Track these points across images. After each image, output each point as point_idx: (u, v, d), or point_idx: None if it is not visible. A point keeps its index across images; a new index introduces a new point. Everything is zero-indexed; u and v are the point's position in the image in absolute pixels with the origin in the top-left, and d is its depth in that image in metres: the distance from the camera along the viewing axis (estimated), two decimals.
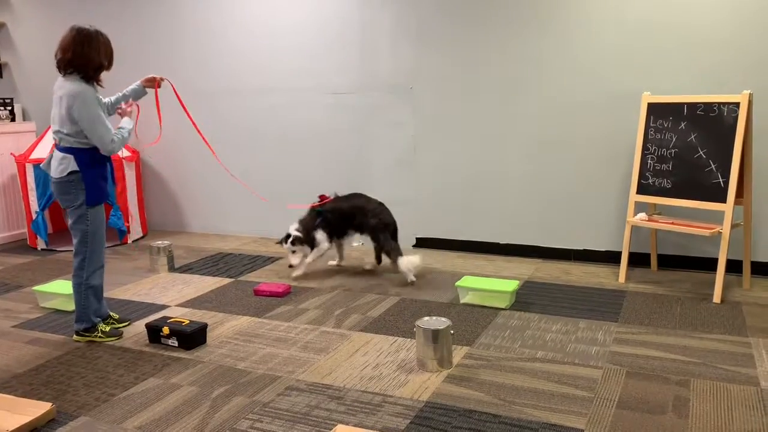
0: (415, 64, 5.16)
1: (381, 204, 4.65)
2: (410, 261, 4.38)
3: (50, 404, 2.70)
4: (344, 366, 3.16)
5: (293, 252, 4.61)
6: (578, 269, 4.68)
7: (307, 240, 4.61)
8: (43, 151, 5.66)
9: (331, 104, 5.53)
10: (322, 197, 4.76)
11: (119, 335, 3.62)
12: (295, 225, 4.64)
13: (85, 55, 3.35)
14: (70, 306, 3.96)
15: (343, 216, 4.65)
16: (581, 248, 4.87)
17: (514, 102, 4.89)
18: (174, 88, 4.22)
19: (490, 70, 4.92)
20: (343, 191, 5.57)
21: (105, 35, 3.45)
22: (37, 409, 2.68)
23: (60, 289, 4.09)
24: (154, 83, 3.84)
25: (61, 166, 3.40)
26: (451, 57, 5.03)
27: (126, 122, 3.57)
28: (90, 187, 3.42)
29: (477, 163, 5.10)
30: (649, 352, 3.21)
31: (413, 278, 4.43)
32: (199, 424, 2.63)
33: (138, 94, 3.82)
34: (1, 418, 2.67)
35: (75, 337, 3.59)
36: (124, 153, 5.91)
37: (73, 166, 3.39)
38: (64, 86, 3.37)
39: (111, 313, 3.81)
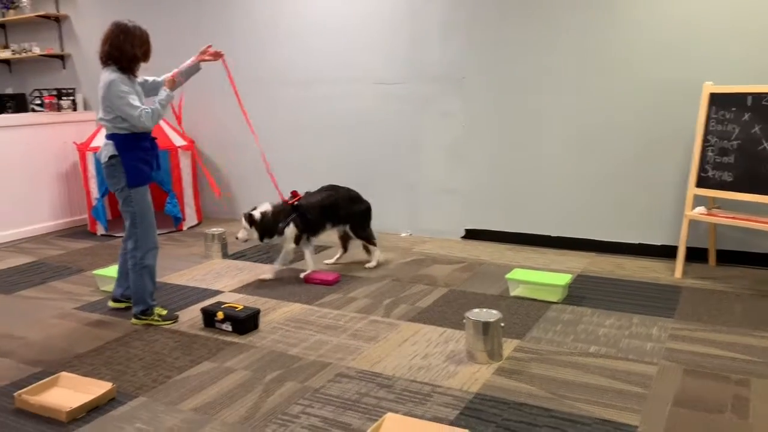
0: (466, 54, 5.11)
1: (352, 190, 4.68)
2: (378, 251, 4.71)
3: (111, 384, 2.80)
4: (393, 355, 3.17)
5: (245, 229, 4.32)
6: (632, 263, 4.57)
7: (271, 229, 4.35)
8: (102, 139, 5.84)
9: (380, 94, 5.53)
10: (294, 193, 4.53)
11: (175, 319, 3.72)
12: (267, 207, 4.39)
13: (120, 48, 3.50)
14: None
15: (323, 209, 4.48)
16: (636, 242, 4.75)
17: (568, 92, 4.80)
18: (225, 64, 4.21)
19: (542, 60, 4.84)
20: (391, 181, 5.59)
21: (143, 30, 3.59)
22: (98, 388, 2.78)
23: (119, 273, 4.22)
24: (206, 54, 3.91)
25: (104, 151, 3.59)
26: (502, 47, 4.97)
27: (161, 93, 3.66)
28: (129, 170, 3.56)
29: (528, 154, 5.03)
30: (706, 349, 3.12)
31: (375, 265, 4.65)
32: (252, 408, 2.68)
33: (191, 72, 3.93)
34: (65, 395, 2.79)
35: (133, 320, 3.71)
36: (179, 142, 6.05)
37: (112, 150, 3.55)
38: (101, 77, 3.54)
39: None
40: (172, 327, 3.62)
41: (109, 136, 3.59)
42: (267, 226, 4.34)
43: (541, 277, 3.94)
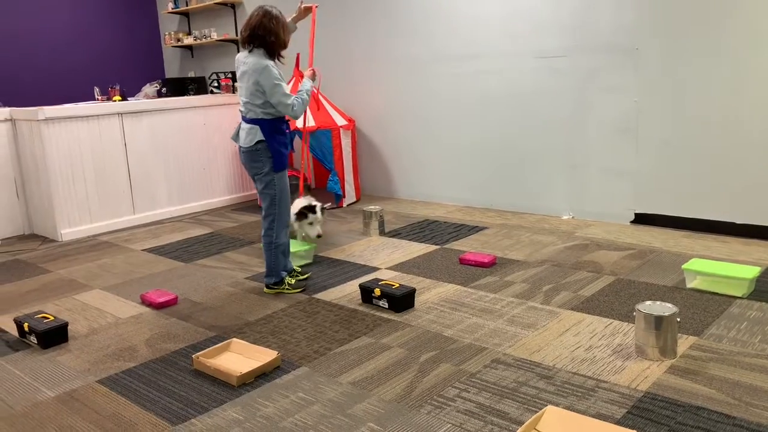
0: (640, 19, 4.70)
1: None
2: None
3: (277, 353, 2.95)
4: (554, 345, 3.03)
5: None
6: None
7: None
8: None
9: (541, 68, 5.27)
10: None
11: (304, 288, 3.92)
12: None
13: (273, 32, 3.60)
14: (296, 262, 4.29)
15: None
16: None
17: (757, 58, 4.24)
18: (314, 15, 4.27)
19: (730, 24, 4.32)
20: (553, 160, 5.33)
21: (284, 17, 3.69)
22: (266, 356, 2.94)
23: None
24: (302, 13, 4.00)
25: (249, 136, 3.68)
26: (684, 10, 4.50)
27: (305, 83, 3.74)
28: (276, 155, 3.69)
29: (712, 131, 4.54)
30: None
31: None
32: (408, 387, 2.69)
33: (292, 29, 3.98)
34: (236, 361, 2.97)
35: (265, 289, 3.93)
36: (341, 121, 6.22)
37: (259, 135, 3.65)
38: (247, 61, 3.64)
39: (294, 267, 4.13)
40: (332, 301, 3.73)
41: (254, 121, 3.68)
42: None
43: (724, 268, 3.55)
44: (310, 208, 4.52)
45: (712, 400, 2.47)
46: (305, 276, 4.12)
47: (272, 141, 3.67)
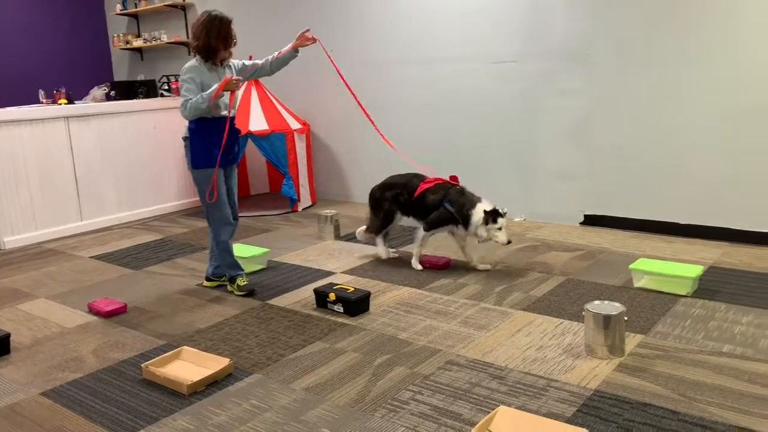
0: (592, 26, 4.82)
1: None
2: None
3: (229, 360, 2.90)
4: (506, 345, 3.06)
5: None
6: None
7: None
8: None
9: (495, 73, 5.35)
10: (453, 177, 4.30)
11: (250, 293, 3.90)
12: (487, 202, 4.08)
13: (194, 36, 3.69)
14: (248, 267, 4.24)
15: None
16: None
17: (705, 67, 4.40)
18: (325, 50, 4.30)
19: (677, 32, 4.46)
20: (505, 164, 5.41)
21: (226, 19, 3.67)
22: (217, 363, 2.89)
23: (238, 252, 4.38)
24: (303, 40, 3.93)
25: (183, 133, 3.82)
26: (633, 18, 4.63)
27: (210, 89, 3.66)
28: (194, 152, 3.74)
29: (658, 135, 4.68)
30: None
31: None
32: (362, 391, 2.68)
33: (289, 58, 3.99)
34: (187, 369, 2.91)
35: (205, 282, 4.12)
36: (295, 125, 6.18)
37: (185, 132, 3.77)
38: None
39: (239, 282, 3.95)
40: (286, 306, 3.70)
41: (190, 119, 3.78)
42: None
43: (669, 267, 3.66)
44: (497, 212, 3.97)
45: (658, 396, 2.53)
46: (248, 291, 3.95)
47: (194, 138, 3.73)
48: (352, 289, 3.60)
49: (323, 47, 4.33)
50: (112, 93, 6.66)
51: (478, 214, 3.99)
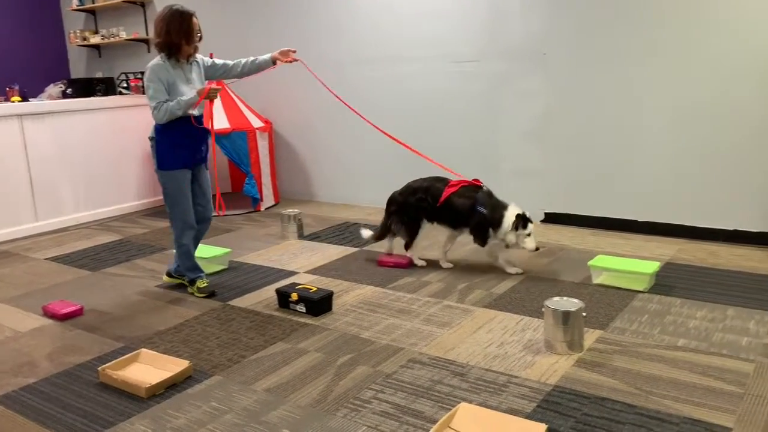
0: (549, 27, 4.88)
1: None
2: None
3: (188, 362, 2.86)
4: (468, 342, 3.08)
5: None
6: (728, 251, 4.27)
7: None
8: None
9: (455, 73, 5.38)
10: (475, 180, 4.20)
11: (209, 294, 3.84)
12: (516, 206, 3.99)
13: (156, 33, 3.61)
14: (210, 268, 4.18)
15: None
16: (731, 228, 4.44)
17: (657, 67, 4.50)
18: (309, 68, 4.28)
19: (630, 32, 4.55)
20: (467, 163, 5.45)
21: (187, 13, 3.60)
22: (176, 365, 2.84)
23: (199, 253, 4.32)
24: (287, 57, 3.93)
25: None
26: (588, 19, 4.71)
27: (190, 93, 3.64)
28: (159, 152, 3.68)
29: (614, 133, 4.77)
30: None
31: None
32: (324, 391, 2.67)
33: (264, 65, 3.95)
34: (145, 371, 2.86)
35: (165, 277, 4.08)
36: (257, 123, 6.12)
37: (152, 132, 3.71)
38: None
39: (198, 285, 3.90)
40: (248, 307, 3.66)
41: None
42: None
43: (627, 264, 3.73)
44: (527, 217, 3.87)
45: (615, 390, 2.58)
46: (208, 293, 3.91)
47: (159, 138, 3.68)
48: (315, 288, 3.58)
49: (308, 68, 4.32)
50: (69, 91, 6.51)
51: (509, 218, 3.87)
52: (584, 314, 2.94)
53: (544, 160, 5.12)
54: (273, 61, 3.94)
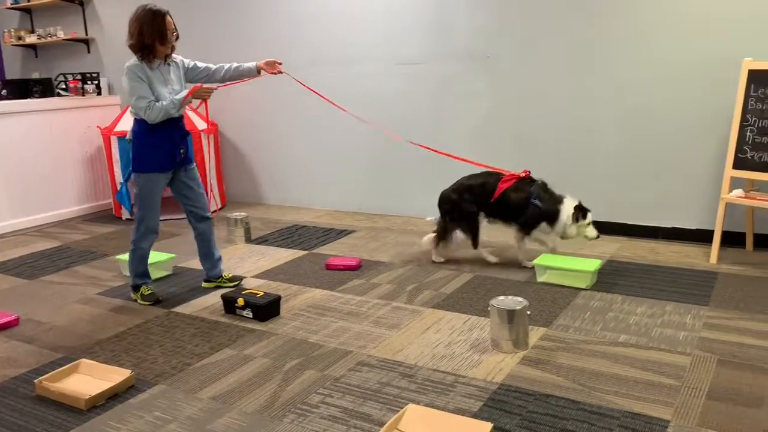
0: (494, 29, 4.96)
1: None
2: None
3: (130, 371, 2.78)
4: (416, 343, 3.10)
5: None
6: (666, 248, 4.42)
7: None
8: (127, 124, 5.83)
9: (400, 74, 5.40)
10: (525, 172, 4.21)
11: (153, 302, 3.75)
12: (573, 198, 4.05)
13: (132, 35, 3.50)
14: (153, 274, 4.07)
15: None
16: (670, 226, 4.59)
17: (601, 69, 4.62)
18: (297, 80, 4.30)
19: (575, 34, 4.66)
20: (414, 163, 5.48)
21: (160, 12, 3.49)
22: (117, 375, 2.76)
23: None
24: (273, 69, 3.89)
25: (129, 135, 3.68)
26: (533, 21, 4.80)
27: (182, 92, 3.61)
28: (136, 154, 3.61)
29: (558, 135, 4.87)
30: (743, 339, 2.99)
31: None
32: (271, 397, 2.64)
33: (248, 73, 3.88)
34: (85, 382, 2.77)
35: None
36: (201, 125, 6.01)
37: (130, 134, 3.64)
38: None
39: (224, 274, 4.01)
40: (192, 313, 3.59)
41: (134, 120, 3.65)
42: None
43: (569, 262, 3.82)
44: (585, 208, 3.97)
45: (559, 387, 2.63)
46: (236, 282, 4.00)
47: (138, 140, 3.60)
48: (262, 293, 3.53)
49: (296, 80, 4.32)
50: (4, 92, 6.26)
51: (567, 210, 3.94)
52: (528, 312, 2.99)
53: (490, 161, 5.16)
54: (258, 71, 3.87)
